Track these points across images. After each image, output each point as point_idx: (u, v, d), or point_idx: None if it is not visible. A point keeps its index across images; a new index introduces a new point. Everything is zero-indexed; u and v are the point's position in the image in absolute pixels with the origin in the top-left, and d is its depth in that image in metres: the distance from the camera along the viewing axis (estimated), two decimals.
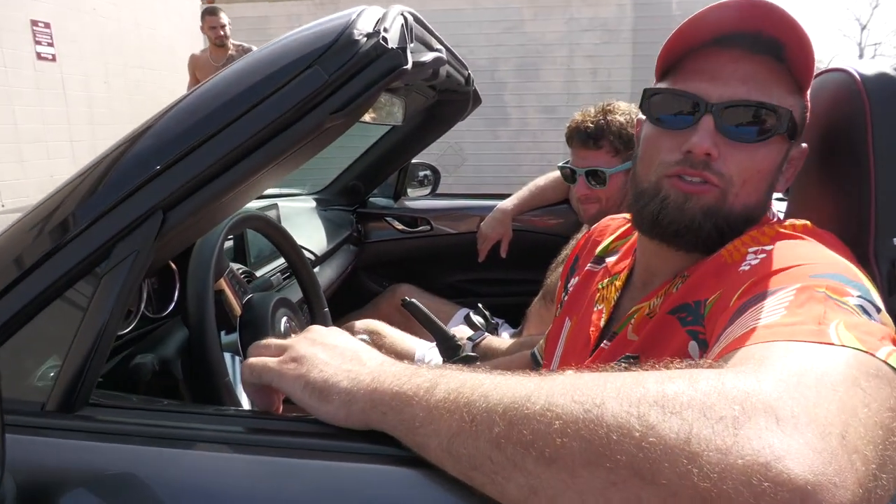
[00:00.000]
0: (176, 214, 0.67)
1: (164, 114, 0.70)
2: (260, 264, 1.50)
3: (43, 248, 0.67)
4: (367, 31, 0.70)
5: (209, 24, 4.94)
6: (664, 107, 0.75)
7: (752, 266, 0.65)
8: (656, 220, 0.74)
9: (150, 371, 0.89)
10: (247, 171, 0.68)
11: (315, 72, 0.67)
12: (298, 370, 0.59)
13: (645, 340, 0.74)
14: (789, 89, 0.72)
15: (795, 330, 0.51)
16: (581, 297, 0.97)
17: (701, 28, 0.71)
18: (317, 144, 0.76)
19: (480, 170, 7.44)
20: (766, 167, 0.73)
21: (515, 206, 2.16)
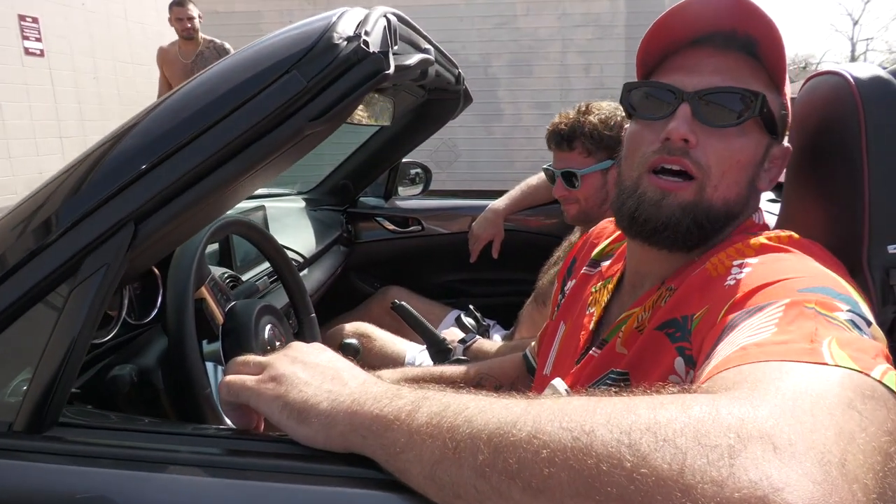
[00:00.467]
0: (148, 226, 0.64)
1: (135, 122, 0.67)
2: (246, 268, 1.48)
3: (12, 259, 0.64)
4: (348, 35, 0.68)
5: (175, 16, 4.46)
6: (643, 100, 0.76)
7: (738, 280, 0.64)
8: (633, 218, 0.74)
9: (128, 383, 0.87)
10: (222, 181, 0.65)
11: (293, 77, 0.65)
12: (277, 390, 0.57)
13: (634, 356, 0.73)
14: (764, 84, 0.72)
15: (788, 349, 0.50)
16: (576, 301, 0.96)
17: (678, 30, 0.73)
18: (297, 151, 0.73)
19: (474, 166, 7.42)
20: (745, 158, 0.72)
21: (507, 205, 2.13)
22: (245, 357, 0.63)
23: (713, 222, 0.73)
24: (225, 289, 1.03)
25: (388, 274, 2.28)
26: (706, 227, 0.73)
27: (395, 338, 1.82)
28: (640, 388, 0.47)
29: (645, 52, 0.77)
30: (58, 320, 0.62)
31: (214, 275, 0.99)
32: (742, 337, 0.54)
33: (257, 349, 0.99)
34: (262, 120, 0.64)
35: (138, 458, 0.57)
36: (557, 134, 1.59)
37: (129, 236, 0.63)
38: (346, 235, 2.21)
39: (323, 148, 0.92)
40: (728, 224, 0.75)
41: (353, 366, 0.62)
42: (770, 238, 0.71)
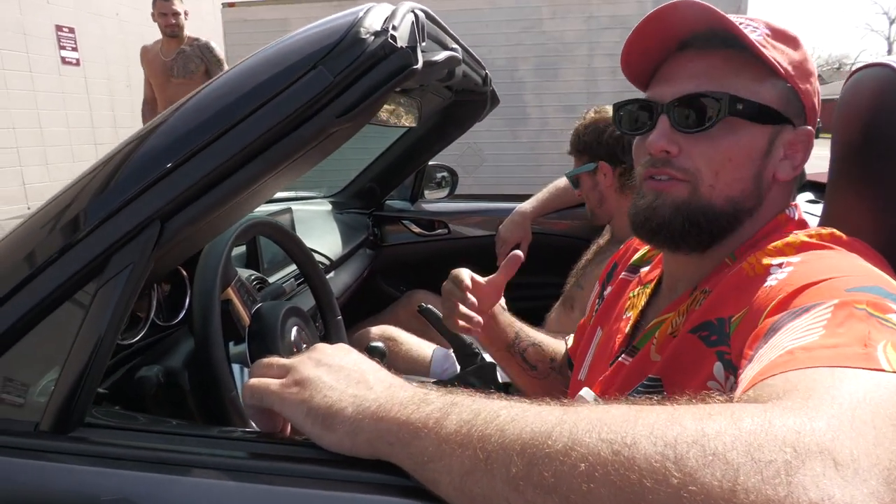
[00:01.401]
0: (174, 224, 0.64)
1: (161, 121, 0.66)
2: (273, 270, 1.47)
3: (39, 259, 0.64)
4: (375, 30, 0.67)
5: (159, 11, 4.07)
6: (631, 117, 0.78)
7: (779, 280, 0.61)
8: (634, 221, 0.76)
9: (155, 384, 0.86)
10: (248, 179, 0.64)
11: (319, 73, 0.64)
12: (301, 395, 0.56)
13: (668, 361, 0.70)
14: (757, 75, 0.71)
15: (839, 353, 0.46)
16: (613, 306, 0.94)
17: (661, 39, 0.74)
18: (323, 149, 0.72)
19: (500, 170, 7.38)
20: (739, 155, 0.71)
21: (535, 208, 2.11)
22: (269, 359, 0.62)
23: (714, 221, 0.72)
24: (251, 290, 1.02)
25: (415, 277, 2.27)
26: (704, 226, 0.72)
27: (422, 341, 1.81)
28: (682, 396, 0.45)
29: (627, 65, 0.78)
30: (84, 319, 0.62)
31: (241, 276, 0.99)
32: (787, 340, 0.51)
33: (283, 351, 0.98)
34: (287, 117, 0.63)
35: (162, 461, 0.56)
36: None
37: (155, 234, 0.62)
38: (373, 238, 2.20)
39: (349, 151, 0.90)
40: (741, 221, 0.73)
41: (380, 368, 0.60)
42: (811, 235, 0.67)
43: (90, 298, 0.62)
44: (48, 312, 0.63)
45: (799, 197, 1.47)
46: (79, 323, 0.62)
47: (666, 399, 0.45)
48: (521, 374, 1.12)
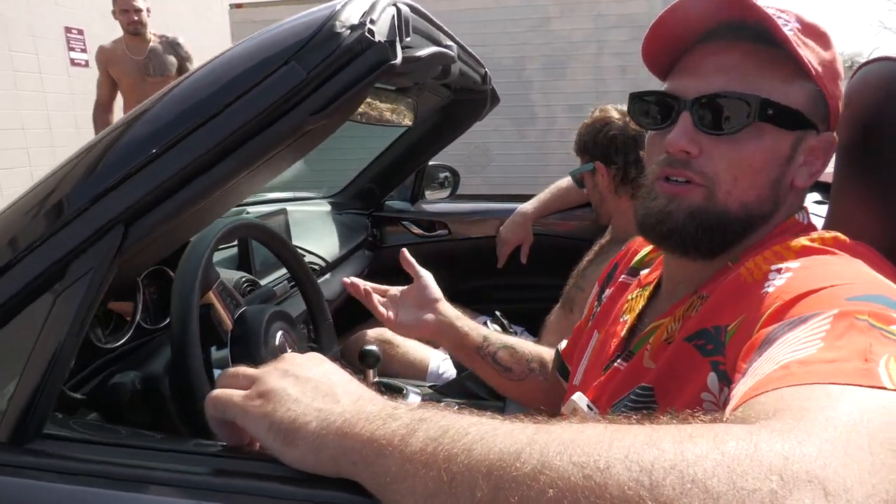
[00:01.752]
0: (139, 228, 0.61)
1: (127, 120, 0.63)
2: (265, 272, 1.45)
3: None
4: (352, 24, 0.63)
5: (120, 7, 3.86)
6: (648, 109, 0.73)
7: (777, 287, 0.57)
8: (643, 223, 0.72)
9: (130, 391, 0.84)
10: (217, 180, 0.61)
11: (292, 68, 0.61)
12: (264, 407, 0.53)
13: (662, 370, 0.67)
14: (787, 75, 0.66)
15: (838, 369, 0.43)
16: (612, 309, 0.90)
17: (678, 28, 0.69)
18: (300, 147, 0.69)
19: (507, 170, 7.34)
20: (760, 160, 0.67)
21: (536, 209, 2.07)
22: (236, 369, 0.59)
23: (728, 227, 0.68)
24: (235, 294, 1.00)
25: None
26: (717, 232, 0.68)
27: (419, 344, 1.78)
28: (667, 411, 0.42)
29: (648, 54, 0.73)
30: (43, 327, 0.59)
31: (224, 279, 0.96)
32: (783, 353, 0.48)
33: (267, 356, 0.95)
34: (258, 115, 0.60)
35: (118, 476, 0.53)
36: None
37: (117, 239, 0.60)
38: (371, 240, 2.18)
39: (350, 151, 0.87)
40: (754, 227, 0.69)
41: (351, 379, 0.57)
42: (812, 239, 0.64)
43: (49, 306, 0.59)
44: (6, 321, 0.61)
45: (808, 197, 1.42)
46: (37, 331, 0.59)
47: (647, 417, 0.42)
48: (496, 377, 1.10)
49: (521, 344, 1.13)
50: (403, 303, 1.14)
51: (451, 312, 1.12)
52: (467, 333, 1.10)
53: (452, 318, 1.10)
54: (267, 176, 0.74)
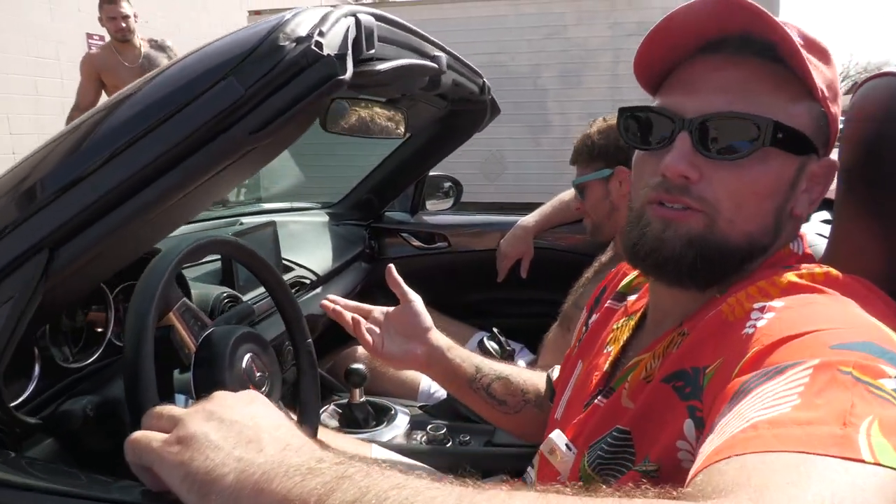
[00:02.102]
0: (68, 252, 0.57)
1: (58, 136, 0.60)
2: (250, 287, 1.41)
3: None
4: (298, 36, 0.59)
5: (107, 15, 3.81)
6: (641, 126, 0.66)
7: (758, 328, 0.52)
8: (635, 250, 0.65)
9: (80, 418, 0.80)
10: (149, 202, 0.57)
11: (229, 84, 0.57)
12: (181, 455, 0.49)
13: (639, 411, 0.62)
14: (794, 95, 0.61)
15: (811, 434, 0.38)
16: (596, 337, 0.85)
17: (679, 37, 0.63)
18: (246, 166, 0.65)
19: (522, 178, 7.28)
20: (764, 187, 0.61)
21: (537, 222, 2.02)
22: (161, 408, 0.55)
23: (728, 257, 0.62)
24: (200, 315, 0.95)
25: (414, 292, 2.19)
26: (717, 263, 0.62)
27: None
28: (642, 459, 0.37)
29: (640, 65, 0.67)
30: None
31: (186, 301, 0.92)
32: (754, 409, 0.43)
33: (232, 380, 0.91)
34: (193, 133, 0.56)
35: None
36: (573, 150, 1.64)
37: (42, 264, 0.56)
38: (369, 251, 2.13)
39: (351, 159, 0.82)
40: (753, 258, 0.63)
41: (281, 424, 0.53)
42: (801, 275, 0.58)
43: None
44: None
45: (814, 216, 1.35)
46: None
47: (585, 489, 0.37)
48: (489, 410, 1.03)
49: (516, 373, 1.07)
50: (390, 329, 1.04)
51: (443, 342, 1.04)
52: (460, 365, 1.03)
53: (444, 349, 1.03)
54: (214, 194, 0.70)
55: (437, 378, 1.06)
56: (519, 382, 1.04)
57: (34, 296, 0.56)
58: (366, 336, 1.01)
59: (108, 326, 1.05)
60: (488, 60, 6.50)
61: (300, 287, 1.62)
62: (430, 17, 6.98)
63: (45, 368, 0.91)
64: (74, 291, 0.71)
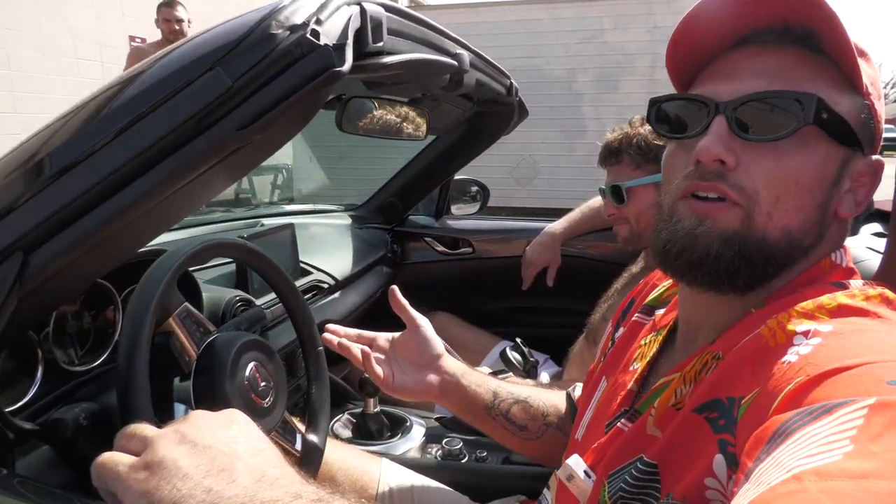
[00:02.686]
0: (42, 255, 0.53)
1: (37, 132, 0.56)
2: (264, 291, 1.38)
3: None
4: (292, 24, 0.54)
5: (163, 17, 4.18)
6: (673, 116, 0.62)
7: (801, 356, 0.45)
8: (665, 250, 0.59)
9: (72, 427, 0.77)
10: (130, 203, 0.53)
11: (216, 75, 0.52)
12: (147, 483, 0.45)
13: (668, 444, 0.55)
14: (835, 85, 0.56)
15: (867, 489, 0.33)
16: (623, 353, 0.78)
17: (710, 32, 0.59)
18: (237, 164, 0.60)
19: (555, 183, 7.20)
20: (807, 177, 0.55)
21: (565, 229, 1.94)
22: (133, 428, 0.51)
23: (769, 258, 0.55)
24: (203, 321, 0.92)
25: (436, 298, 2.14)
26: (758, 264, 0.55)
27: None
28: None
29: (673, 60, 0.62)
30: None
31: (188, 306, 0.88)
32: (798, 455, 0.37)
33: (233, 390, 0.86)
34: (176, 129, 0.52)
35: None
36: (606, 148, 1.48)
37: (15, 268, 0.52)
38: (391, 256, 2.09)
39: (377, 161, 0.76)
40: (794, 260, 0.57)
41: (260, 450, 0.48)
42: (852, 296, 0.51)
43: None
44: None
45: (864, 229, 1.25)
46: None
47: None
48: (510, 437, 0.95)
49: (535, 394, 0.99)
50: (398, 358, 0.96)
51: (457, 368, 0.96)
52: (476, 391, 0.95)
53: (458, 376, 0.95)
54: (203, 195, 0.65)
55: (452, 408, 0.97)
56: (539, 405, 0.96)
57: (7, 301, 0.52)
58: (377, 370, 0.93)
59: (115, 328, 1.02)
60: (524, 64, 6.44)
61: (317, 291, 1.58)
62: (465, 21, 6.95)
63: (49, 371, 0.88)
64: (60, 294, 0.68)
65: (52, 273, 0.54)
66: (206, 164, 0.54)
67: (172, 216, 0.67)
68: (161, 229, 0.71)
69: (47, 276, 0.55)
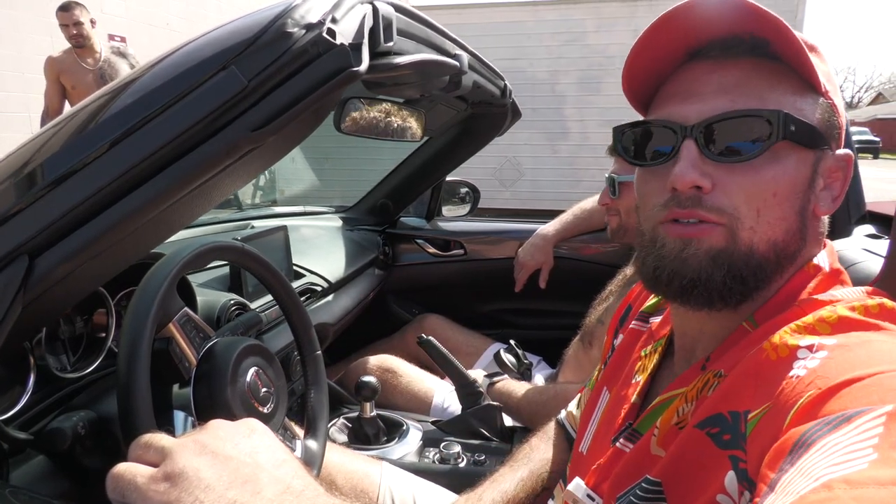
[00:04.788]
0: (48, 260, 0.51)
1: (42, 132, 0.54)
2: (259, 294, 1.35)
3: None
4: (308, 22, 0.53)
5: (61, 22, 3.94)
6: (639, 143, 0.61)
7: (810, 370, 0.46)
8: (655, 277, 0.59)
9: (70, 438, 0.74)
10: (139, 206, 0.51)
11: (230, 74, 0.51)
12: (168, 495, 0.44)
13: (672, 461, 0.55)
14: (795, 89, 0.57)
15: None
16: (623, 362, 0.78)
17: (667, 49, 0.59)
18: (249, 167, 0.59)
19: (538, 185, 7.23)
20: (785, 188, 0.56)
21: (557, 231, 1.94)
22: (148, 438, 0.49)
23: (758, 271, 0.56)
24: (203, 326, 0.90)
25: (428, 300, 2.12)
26: (749, 280, 0.56)
27: (424, 374, 1.66)
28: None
29: (629, 80, 0.62)
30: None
31: (188, 311, 0.86)
32: (823, 465, 0.37)
33: (234, 396, 0.84)
34: (188, 129, 0.50)
35: None
36: None
37: (20, 273, 0.50)
38: (383, 258, 2.07)
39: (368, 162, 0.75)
40: (782, 268, 0.57)
41: (283, 460, 0.47)
42: (853, 308, 0.51)
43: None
44: None
45: (857, 230, 1.27)
46: None
47: None
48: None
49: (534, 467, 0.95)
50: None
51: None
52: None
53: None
54: (214, 197, 0.64)
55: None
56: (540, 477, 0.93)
57: (12, 306, 0.50)
58: None
59: (108, 333, 0.99)
60: (507, 66, 6.43)
61: (311, 294, 1.56)
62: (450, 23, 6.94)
63: (41, 378, 0.85)
64: (64, 299, 0.65)
65: (57, 278, 0.52)
66: (218, 166, 0.53)
67: (180, 220, 0.65)
68: (168, 234, 0.69)
69: (53, 282, 0.53)
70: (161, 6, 7.24)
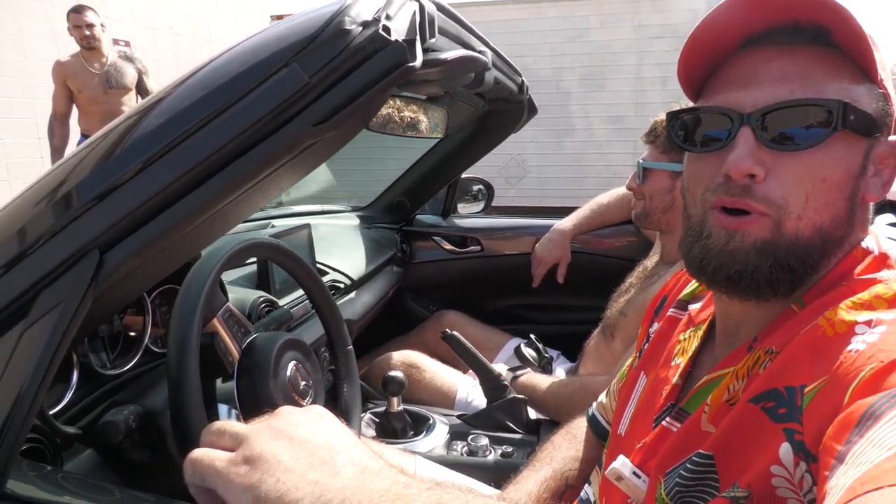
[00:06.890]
0: (118, 254, 0.53)
1: (109, 130, 0.56)
2: (286, 291, 1.37)
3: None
4: (364, 20, 0.54)
5: (73, 24, 3.99)
6: (695, 129, 0.62)
7: (870, 344, 0.47)
8: (701, 266, 0.60)
9: (122, 430, 0.76)
10: (204, 201, 0.53)
11: (292, 71, 0.52)
12: (249, 477, 0.45)
13: (724, 435, 0.56)
14: (853, 78, 0.58)
15: None
16: (661, 348, 0.79)
17: (725, 34, 0.59)
18: (304, 162, 0.60)
19: (543, 182, 7.23)
20: (835, 175, 0.56)
21: (575, 226, 1.95)
22: (221, 424, 0.51)
23: (805, 258, 0.56)
24: (243, 321, 0.91)
25: (445, 297, 2.14)
26: (796, 268, 0.56)
27: (447, 369, 1.67)
28: None
29: (686, 65, 0.62)
30: (5, 369, 0.51)
31: (239, 300, 0.88)
32: (889, 445, 0.38)
33: (276, 390, 0.86)
34: (251, 126, 0.52)
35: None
36: (651, 126, 1.54)
37: (91, 267, 0.52)
38: (401, 255, 2.09)
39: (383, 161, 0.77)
40: (829, 254, 0.58)
41: (356, 443, 0.48)
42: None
43: (12, 345, 0.51)
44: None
45: (878, 219, 1.28)
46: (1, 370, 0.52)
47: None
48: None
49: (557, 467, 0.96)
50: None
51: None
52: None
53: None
54: (270, 193, 0.65)
55: None
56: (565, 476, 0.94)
57: (84, 301, 0.52)
58: None
59: (144, 331, 1.01)
60: None
61: (335, 291, 1.58)
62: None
63: (83, 375, 0.87)
64: (126, 295, 0.67)
65: (125, 273, 0.54)
66: (279, 161, 0.54)
67: (239, 215, 0.67)
68: (227, 228, 0.71)
69: (121, 276, 0.54)
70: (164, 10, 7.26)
